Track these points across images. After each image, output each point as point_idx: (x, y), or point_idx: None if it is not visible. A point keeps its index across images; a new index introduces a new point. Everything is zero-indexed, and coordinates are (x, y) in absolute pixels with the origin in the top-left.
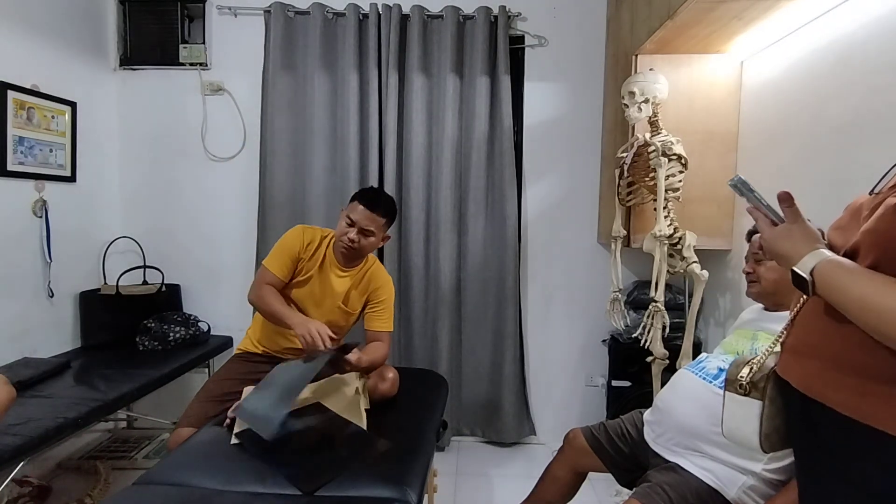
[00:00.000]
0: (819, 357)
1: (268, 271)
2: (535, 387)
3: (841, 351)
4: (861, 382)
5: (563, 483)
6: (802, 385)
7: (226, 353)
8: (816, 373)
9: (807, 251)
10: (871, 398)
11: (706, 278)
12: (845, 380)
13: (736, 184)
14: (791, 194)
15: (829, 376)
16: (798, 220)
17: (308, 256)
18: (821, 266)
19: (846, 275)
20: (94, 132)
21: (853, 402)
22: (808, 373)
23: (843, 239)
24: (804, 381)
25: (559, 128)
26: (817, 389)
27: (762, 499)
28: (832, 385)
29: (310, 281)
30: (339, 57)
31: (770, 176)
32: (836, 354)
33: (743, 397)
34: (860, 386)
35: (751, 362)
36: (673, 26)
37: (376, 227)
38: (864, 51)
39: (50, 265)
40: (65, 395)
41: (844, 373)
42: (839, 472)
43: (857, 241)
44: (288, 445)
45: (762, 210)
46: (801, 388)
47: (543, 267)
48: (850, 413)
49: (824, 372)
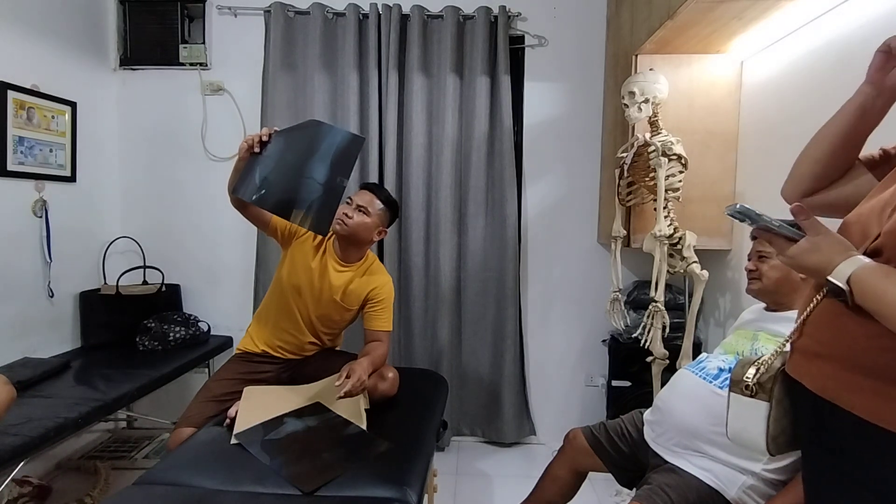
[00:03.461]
0: (835, 358)
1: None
2: (535, 387)
3: (859, 353)
4: (880, 385)
5: (563, 483)
6: (816, 386)
7: (226, 353)
8: (831, 374)
9: (840, 259)
10: (891, 402)
11: (706, 278)
12: (863, 382)
13: (739, 211)
14: (803, 206)
15: (844, 378)
16: (821, 231)
17: (304, 237)
18: (859, 273)
19: (888, 281)
20: (94, 132)
21: (871, 405)
22: (822, 374)
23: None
24: (818, 382)
25: (559, 128)
26: (832, 391)
27: (762, 499)
28: (848, 387)
29: (309, 272)
30: (339, 57)
31: (770, 176)
32: (854, 356)
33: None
34: (879, 389)
35: (757, 363)
36: (673, 26)
37: (373, 209)
38: (864, 51)
39: (50, 265)
40: (65, 395)
41: (862, 375)
42: (852, 475)
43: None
44: (288, 445)
45: (777, 231)
46: (815, 390)
47: (543, 267)
48: (866, 416)
49: (840, 373)
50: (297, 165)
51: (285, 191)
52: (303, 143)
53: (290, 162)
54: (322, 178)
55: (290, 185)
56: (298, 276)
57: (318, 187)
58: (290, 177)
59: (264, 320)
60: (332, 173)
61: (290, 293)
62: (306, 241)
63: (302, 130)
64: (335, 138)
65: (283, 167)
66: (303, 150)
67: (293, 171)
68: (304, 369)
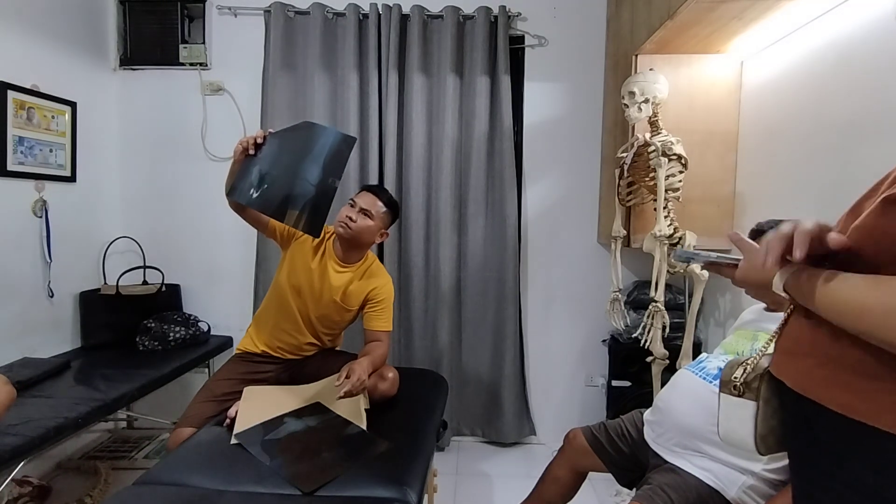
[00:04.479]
0: (811, 356)
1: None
2: (535, 387)
3: (828, 349)
4: (854, 379)
5: (563, 483)
6: (797, 385)
7: (226, 353)
8: (809, 371)
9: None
10: (864, 395)
11: (706, 278)
12: (838, 377)
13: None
14: (737, 233)
15: (821, 374)
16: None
17: (303, 238)
18: (788, 281)
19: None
20: (94, 132)
21: (846, 399)
22: (801, 372)
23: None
24: (798, 380)
25: (559, 128)
26: (811, 388)
27: (762, 499)
28: (825, 383)
29: (309, 272)
30: (339, 57)
31: (770, 176)
32: (825, 353)
33: (737, 398)
34: (853, 383)
35: (744, 363)
36: (673, 26)
37: (376, 212)
38: (864, 51)
39: (50, 265)
40: (65, 395)
41: (837, 370)
42: (832, 470)
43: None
44: (288, 445)
45: (718, 262)
46: (796, 388)
47: (543, 267)
48: (843, 410)
49: (817, 370)
50: (292, 167)
51: (280, 193)
52: (297, 145)
53: (284, 163)
54: (315, 179)
55: (284, 187)
56: (298, 276)
57: (310, 189)
58: (284, 179)
59: (264, 321)
60: (325, 174)
61: (290, 294)
62: (305, 242)
63: (296, 132)
64: (328, 139)
65: (278, 169)
66: (297, 151)
67: (287, 173)
68: (304, 369)
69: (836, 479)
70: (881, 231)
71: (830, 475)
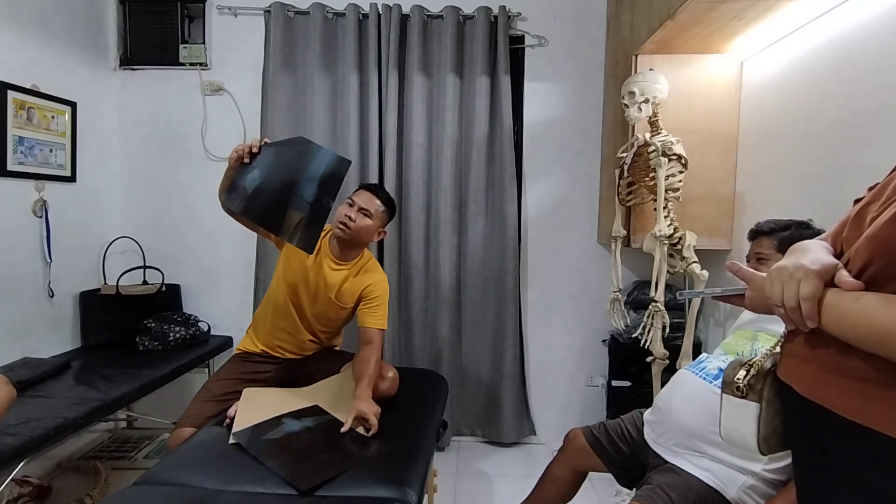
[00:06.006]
0: (819, 362)
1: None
2: (535, 387)
3: (838, 357)
4: (864, 386)
5: (563, 483)
6: (805, 389)
7: (226, 353)
8: (818, 377)
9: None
10: (874, 402)
11: (706, 278)
12: (848, 383)
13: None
14: (735, 263)
15: (830, 381)
16: (755, 277)
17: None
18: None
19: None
20: (94, 132)
21: (856, 405)
22: (809, 377)
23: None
24: (806, 385)
25: (559, 128)
26: (820, 394)
27: (762, 499)
28: (835, 389)
29: (304, 271)
30: (339, 57)
31: (770, 175)
32: (835, 360)
33: (740, 399)
34: (864, 390)
35: (747, 364)
36: (673, 26)
37: (374, 210)
38: (864, 51)
39: (50, 265)
40: (65, 395)
41: (847, 377)
42: (839, 475)
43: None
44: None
45: (724, 295)
46: (804, 393)
47: (543, 267)
48: (853, 417)
49: (825, 376)
50: (285, 181)
51: (272, 205)
52: (291, 160)
53: (277, 177)
54: (310, 197)
55: (277, 200)
56: (294, 275)
57: (305, 206)
58: (277, 192)
59: (262, 320)
60: (320, 194)
61: (287, 292)
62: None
63: (292, 146)
64: (323, 159)
65: (272, 181)
66: (291, 166)
67: (281, 187)
68: (304, 369)
69: (843, 483)
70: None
71: (837, 478)
